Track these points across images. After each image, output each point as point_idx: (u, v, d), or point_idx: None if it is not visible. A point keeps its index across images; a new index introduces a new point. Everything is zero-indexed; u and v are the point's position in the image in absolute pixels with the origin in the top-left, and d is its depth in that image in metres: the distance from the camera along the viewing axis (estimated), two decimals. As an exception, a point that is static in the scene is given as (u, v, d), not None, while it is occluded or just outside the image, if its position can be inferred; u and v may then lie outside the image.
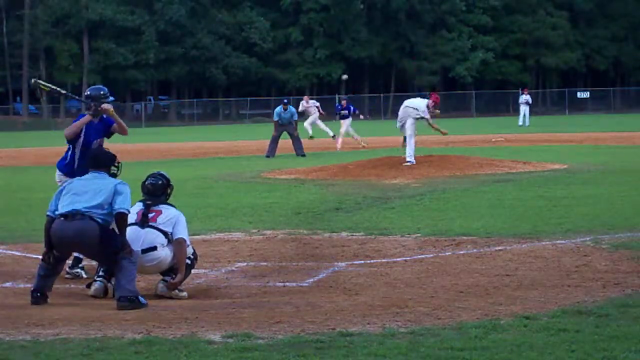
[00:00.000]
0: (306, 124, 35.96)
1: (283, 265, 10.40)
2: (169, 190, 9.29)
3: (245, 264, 10.60)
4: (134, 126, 70.71)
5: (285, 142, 30.34)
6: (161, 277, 9.03)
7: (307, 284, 9.32)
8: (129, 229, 8.77)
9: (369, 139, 40.19)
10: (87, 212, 8.47)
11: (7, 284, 9.63)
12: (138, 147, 36.00)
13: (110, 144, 10.36)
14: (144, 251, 8.88)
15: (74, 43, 79.15)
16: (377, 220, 13.75)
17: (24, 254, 11.36)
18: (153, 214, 9.07)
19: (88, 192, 8.61)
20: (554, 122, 58.38)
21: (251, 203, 16.50)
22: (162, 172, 9.42)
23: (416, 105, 22.82)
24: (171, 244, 8.97)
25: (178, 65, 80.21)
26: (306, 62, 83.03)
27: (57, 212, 8.56)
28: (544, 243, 11.35)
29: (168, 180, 9.31)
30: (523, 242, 11.41)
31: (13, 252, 11.61)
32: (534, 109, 79.68)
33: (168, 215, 9.06)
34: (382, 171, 21.08)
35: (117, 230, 8.60)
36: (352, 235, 12.45)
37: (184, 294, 8.91)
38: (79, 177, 8.97)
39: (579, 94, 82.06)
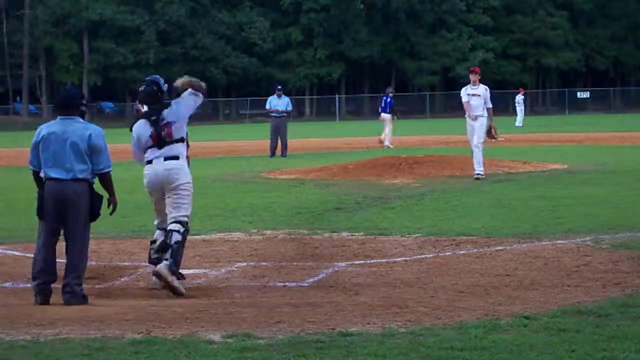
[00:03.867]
0: None
1: (283, 265, 10.41)
2: (162, 96, 9.39)
3: (245, 263, 10.60)
4: (134, 126, 70.76)
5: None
6: (165, 258, 9.03)
7: (307, 284, 9.33)
8: (150, 151, 9.15)
9: (369, 139, 40.17)
10: (78, 176, 8.45)
11: (7, 284, 9.64)
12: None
13: (114, 144, 10.37)
14: (166, 158, 9.15)
15: (74, 43, 79.07)
16: (377, 220, 13.75)
17: (24, 254, 11.34)
18: (165, 130, 9.22)
19: (66, 147, 8.45)
20: (554, 122, 58.39)
21: (251, 203, 16.51)
22: (155, 78, 9.53)
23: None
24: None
25: (178, 65, 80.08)
26: (306, 62, 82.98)
27: (46, 175, 8.49)
28: (543, 243, 11.35)
29: (160, 85, 9.40)
30: (523, 242, 11.42)
31: (13, 252, 11.62)
32: (534, 109, 79.85)
33: (177, 119, 9.25)
34: (382, 171, 21.08)
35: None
36: (352, 235, 12.45)
37: (183, 287, 8.91)
38: (51, 129, 8.59)
39: (579, 94, 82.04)
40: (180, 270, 9.35)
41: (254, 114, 79.15)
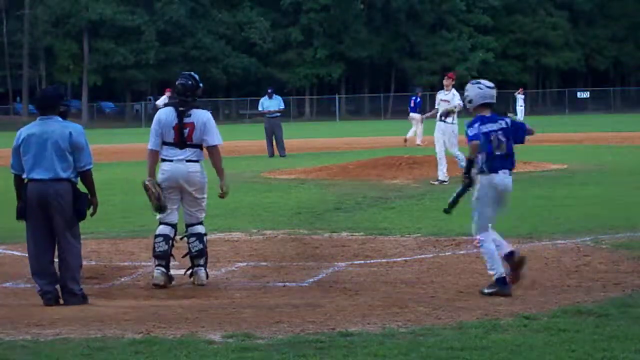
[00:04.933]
0: None
1: (283, 265, 10.42)
2: (198, 92, 9.53)
3: (245, 264, 10.61)
4: (134, 126, 70.81)
5: (286, 141, 30.42)
6: (198, 265, 9.42)
7: (307, 284, 9.34)
8: (169, 150, 9.30)
9: (369, 139, 40.19)
10: (61, 175, 8.43)
11: (7, 284, 9.66)
12: (138, 146, 35.98)
13: (114, 145, 10.36)
14: (188, 161, 9.35)
15: (74, 43, 79.09)
16: (377, 220, 13.76)
17: (23, 254, 11.32)
18: (187, 129, 9.35)
19: (47, 147, 8.43)
20: (553, 122, 58.38)
21: (251, 203, 16.52)
22: (192, 73, 9.68)
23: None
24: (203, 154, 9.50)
25: (178, 65, 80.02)
26: (306, 62, 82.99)
27: (28, 176, 8.49)
28: (544, 243, 11.37)
29: (197, 80, 9.56)
30: (523, 242, 11.42)
31: (13, 252, 11.63)
32: (533, 109, 79.86)
33: (200, 127, 9.37)
34: (382, 171, 21.10)
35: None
36: (352, 235, 12.46)
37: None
38: (30, 131, 8.55)
39: (579, 94, 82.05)
40: (182, 271, 9.67)
41: (254, 114, 79.18)
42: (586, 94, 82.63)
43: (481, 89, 8.98)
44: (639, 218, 13.39)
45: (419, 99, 34.81)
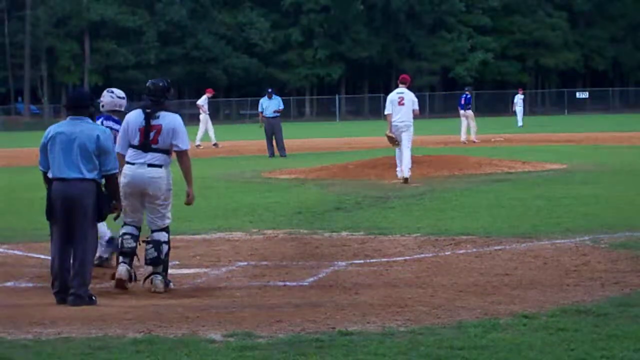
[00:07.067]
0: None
1: (283, 265, 10.45)
2: (168, 94, 9.46)
3: (245, 263, 10.64)
4: (134, 126, 70.67)
5: (286, 141, 30.46)
6: (155, 273, 9.18)
7: (307, 283, 9.37)
8: (132, 152, 9.18)
9: (369, 139, 40.17)
10: (86, 175, 8.45)
11: (9, 284, 9.67)
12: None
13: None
14: (149, 165, 9.17)
15: (75, 43, 79.14)
16: (377, 220, 13.79)
17: (25, 254, 11.40)
18: (153, 132, 9.18)
19: (74, 147, 8.45)
20: (553, 122, 58.40)
21: (251, 203, 16.55)
22: (164, 78, 9.74)
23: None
24: (170, 158, 9.31)
25: (179, 66, 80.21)
26: (306, 63, 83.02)
27: (53, 175, 8.51)
28: (543, 242, 11.39)
29: (169, 83, 9.60)
30: (522, 242, 11.46)
31: (15, 252, 11.66)
32: (533, 109, 79.87)
33: (167, 131, 9.20)
34: (382, 171, 21.12)
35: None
36: (352, 234, 12.49)
37: (171, 284, 9.21)
38: (59, 129, 8.58)
39: (578, 94, 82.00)
40: (182, 270, 9.83)
41: (254, 114, 79.13)
42: (585, 95, 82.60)
43: (112, 98, 10.48)
44: (638, 218, 13.43)
45: (469, 96, 35.32)
